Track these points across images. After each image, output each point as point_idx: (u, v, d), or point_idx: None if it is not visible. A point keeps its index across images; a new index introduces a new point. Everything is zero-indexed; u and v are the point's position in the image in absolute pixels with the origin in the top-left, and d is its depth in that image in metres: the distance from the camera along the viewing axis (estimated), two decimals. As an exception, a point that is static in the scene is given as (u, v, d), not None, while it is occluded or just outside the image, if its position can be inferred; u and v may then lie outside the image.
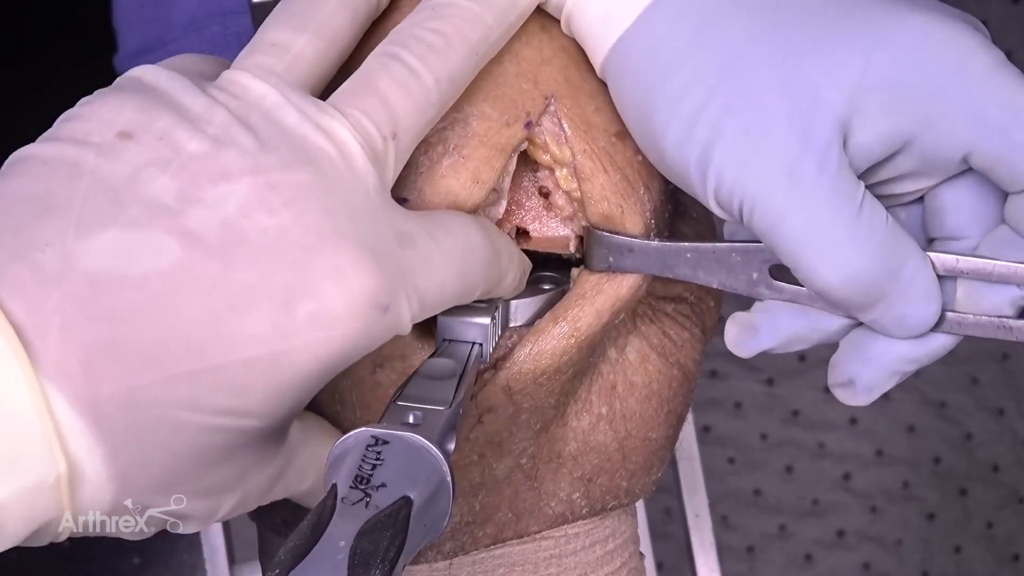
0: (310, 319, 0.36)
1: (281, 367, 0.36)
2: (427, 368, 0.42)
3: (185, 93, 0.38)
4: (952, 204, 0.43)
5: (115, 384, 0.34)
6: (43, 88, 1.25)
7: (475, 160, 0.44)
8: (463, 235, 0.42)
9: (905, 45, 0.40)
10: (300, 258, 0.36)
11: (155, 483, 0.36)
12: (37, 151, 0.37)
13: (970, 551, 1.63)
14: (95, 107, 0.38)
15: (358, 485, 0.35)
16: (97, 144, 0.37)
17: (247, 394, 0.36)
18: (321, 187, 0.37)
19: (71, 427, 0.34)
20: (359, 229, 0.37)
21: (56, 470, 0.34)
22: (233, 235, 0.36)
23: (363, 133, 0.39)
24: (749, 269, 0.45)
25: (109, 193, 0.36)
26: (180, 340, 0.35)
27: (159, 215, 0.36)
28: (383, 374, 0.46)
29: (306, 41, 0.40)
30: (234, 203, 0.36)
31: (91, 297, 0.34)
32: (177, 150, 0.37)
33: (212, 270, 0.36)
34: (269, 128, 0.38)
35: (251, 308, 0.36)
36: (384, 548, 0.33)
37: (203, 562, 1.02)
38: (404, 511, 0.34)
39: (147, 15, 0.84)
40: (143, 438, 0.35)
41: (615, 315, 0.47)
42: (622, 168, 0.46)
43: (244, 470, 0.38)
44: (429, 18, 0.41)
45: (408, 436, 0.37)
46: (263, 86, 0.39)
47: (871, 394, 0.45)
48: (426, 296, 0.39)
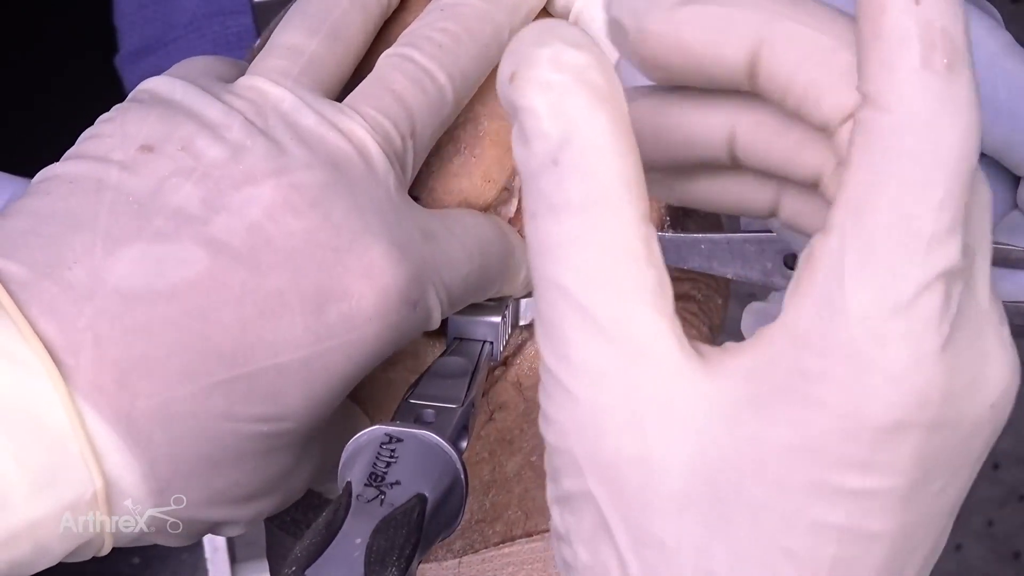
0: (342, 320, 0.36)
1: (315, 370, 0.36)
2: (439, 367, 0.43)
3: (201, 102, 0.38)
4: None
5: (150, 398, 0.35)
6: (44, 88, 1.25)
7: (486, 159, 0.44)
8: (478, 230, 0.42)
9: None
10: (329, 259, 0.36)
11: (197, 493, 0.36)
12: (62, 170, 0.38)
13: (970, 549, 1.63)
14: (116, 123, 0.38)
15: (372, 483, 0.35)
16: (120, 160, 0.37)
17: (283, 399, 0.36)
18: (344, 186, 0.37)
19: (107, 443, 0.34)
20: (385, 226, 0.38)
21: (93, 486, 0.34)
22: (260, 240, 0.36)
23: (381, 132, 0.39)
24: (763, 259, 0.45)
25: (134, 207, 0.36)
26: (213, 350, 0.35)
27: (185, 224, 0.36)
28: (395, 372, 0.46)
29: (319, 43, 0.40)
30: (259, 207, 0.36)
31: (122, 312, 0.35)
32: (198, 158, 0.37)
33: (241, 277, 0.36)
34: (288, 131, 0.38)
35: (282, 313, 0.36)
36: (400, 545, 0.33)
37: (204, 562, 1.02)
38: (419, 508, 0.34)
39: (147, 14, 0.84)
40: (182, 450, 0.35)
41: None
42: None
43: (285, 472, 0.39)
44: (439, 19, 0.41)
45: (422, 434, 0.37)
46: (279, 90, 0.39)
47: None
48: (452, 290, 0.40)
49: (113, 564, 1.33)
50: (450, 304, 0.40)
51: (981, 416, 0.28)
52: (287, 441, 0.37)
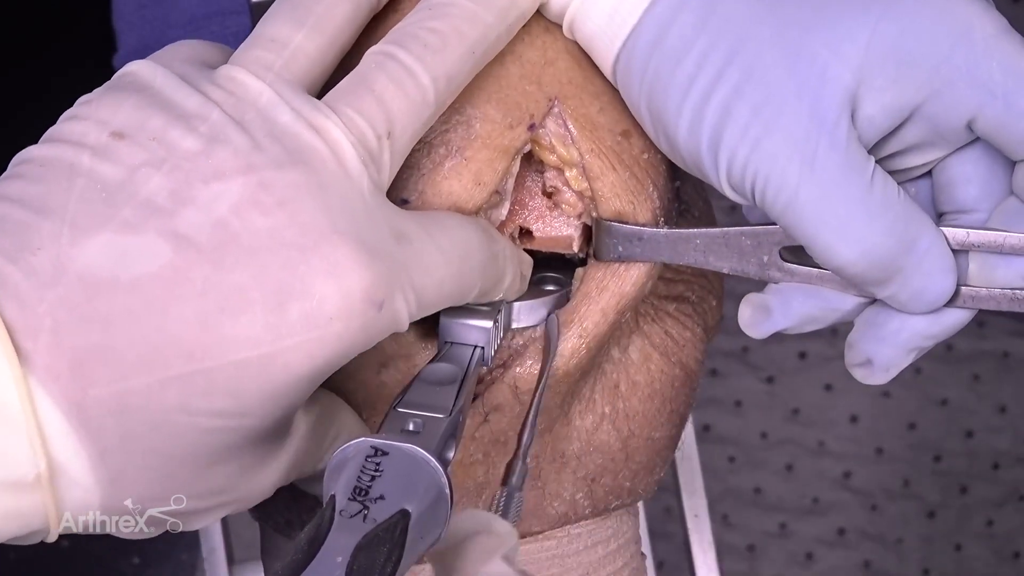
0: (304, 319, 0.36)
1: (275, 368, 0.36)
2: (428, 373, 0.43)
3: (179, 91, 0.38)
4: (960, 176, 0.44)
5: (104, 388, 0.35)
6: (43, 88, 1.25)
7: (477, 162, 0.44)
8: (460, 234, 0.42)
9: (909, 14, 0.40)
10: (294, 257, 0.36)
11: (152, 485, 0.36)
12: (37, 153, 0.38)
13: (971, 549, 1.63)
14: (92, 107, 0.38)
15: (356, 497, 0.35)
16: (92, 145, 0.37)
17: (241, 395, 0.36)
18: (315, 186, 0.37)
19: (55, 428, 0.34)
20: (354, 226, 0.37)
21: (36, 469, 0.34)
22: (225, 236, 0.36)
23: (356, 132, 0.39)
24: (760, 252, 0.45)
25: (103, 195, 0.36)
26: (171, 343, 0.35)
27: (152, 216, 0.36)
28: (388, 374, 0.46)
29: (304, 36, 0.40)
30: (226, 203, 0.36)
31: (83, 301, 0.35)
32: (170, 149, 0.37)
33: (204, 272, 0.36)
34: (263, 127, 0.38)
35: (243, 309, 0.36)
36: (381, 564, 0.33)
37: (202, 562, 1.02)
38: (401, 525, 0.34)
39: (147, 15, 0.84)
40: (136, 441, 0.35)
41: (621, 314, 0.47)
42: (630, 166, 0.46)
43: (245, 468, 0.38)
44: (427, 18, 0.41)
45: (407, 448, 0.37)
46: (259, 83, 0.39)
47: (889, 372, 0.45)
48: (424, 293, 0.39)
49: (113, 564, 1.33)
50: (420, 308, 0.39)
51: None
52: (246, 438, 0.37)
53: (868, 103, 0.41)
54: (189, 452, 0.36)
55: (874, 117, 0.41)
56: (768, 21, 0.41)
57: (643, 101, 0.44)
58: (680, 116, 0.42)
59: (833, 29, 0.40)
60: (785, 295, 0.46)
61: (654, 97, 0.43)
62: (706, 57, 0.42)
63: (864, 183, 0.40)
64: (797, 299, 0.46)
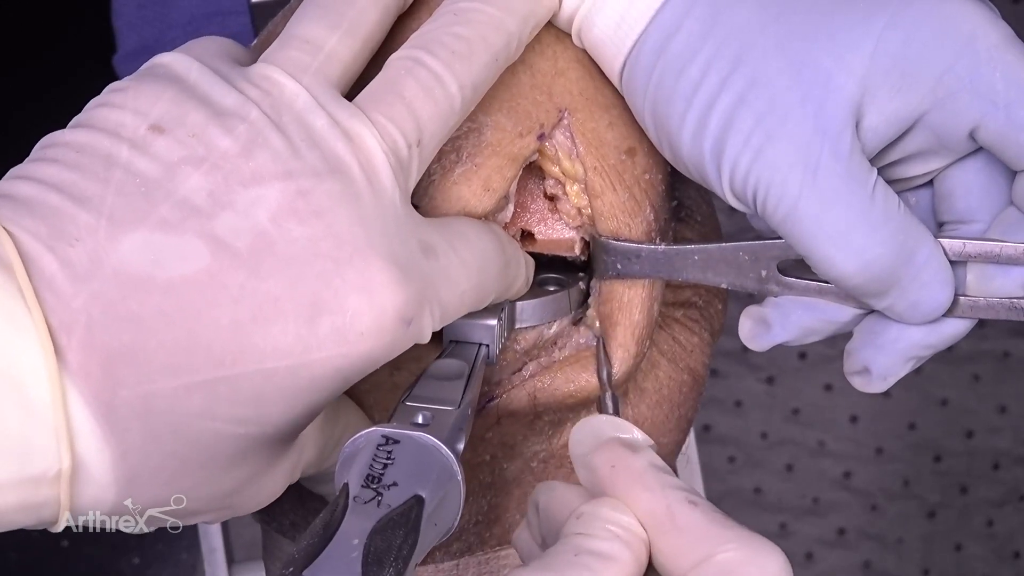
0: (334, 333, 0.36)
1: (301, 379, 0.36)
2: (435, 369, 0.43)
3: (216, 87, 0.38)
4: (961, 186, 0.44)
5: (132, 389, 0.34)
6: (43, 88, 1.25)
7: (487, 168, 0.44)
8: (479, 245, 0.42)
9: (913, 23, 0.40)
10: (328, 270, 0.36)
11: (165, 487, 0.36)
12: (71, 138, 0.37)
13: (971, 549, 1.63)
14: (128, 95, 0.38)
15: (369, 484, 0.35)
16: (130, 137, 0.37)
17: (264, 404, 0.36)
18: (350, 196, 0.37)
19: (82, 427, 0.34)
20: (387, 240, 0.37)
21: (59, 465, 0.34)
22: (262, 244, 0.36)
23: (389, 141, 0.38)
24: (758, 267, 0.45)
25: (141, 189, 0.36)
26: (202, 348, 0.35)
27: (190, 217, 0.36)
28: (400, 376, 0.46)
29: (338, 39, 0.40)
30: (265, 210, 0.36)
31: (118, 299, 0.34)
32: (209, 148, 0.36)
33: (239, 279, 0.35)
34: (299, 131, 0.37)
35: (275, 320, 0.36)
36: (397, 546, 0.33)
37: (202, 562, 1.02)
38: (416, 510, 0.34)
39: (146, 15, 0.84)
40: (156, 444, 0.35)
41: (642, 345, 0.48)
42: (630, 187, 0.46)
43: (255, 473, 0.38)
44: (452, 23, 0.41)
45: (419, 436, 0.37)
46: (296, 85, 0.38)
47: (887, 381, 0.45)
48: (447, 307, 0.40)
49: (113, 563, 1.33)
50: (443, 321, 0.40)
51: None
52: (261, 445, 0.37)
53: (872, 113, 0.40)
54: (206, 456, 0.36)
55: (877, 127, 0.41)
56: (773, 30, 0.41)
57: (647, 108, 0.44)
58: (684, 123, 0.42)
59: (837, 39, 0.40)
60: (784, 308, 0.46)
61: (658, 104, 0.43)
62: (711, 65, 0.41)
63: (866, 194, 0.40)
64: (796, 312, 0.46)
